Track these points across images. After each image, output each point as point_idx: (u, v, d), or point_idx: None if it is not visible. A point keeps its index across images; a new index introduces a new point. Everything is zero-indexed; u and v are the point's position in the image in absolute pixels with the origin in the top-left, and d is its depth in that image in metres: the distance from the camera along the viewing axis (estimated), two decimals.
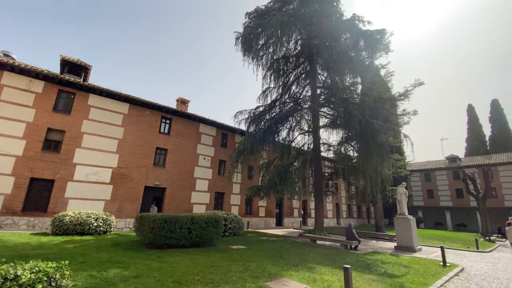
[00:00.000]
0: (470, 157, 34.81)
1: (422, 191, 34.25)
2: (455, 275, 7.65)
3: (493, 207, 26.51)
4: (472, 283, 6.89)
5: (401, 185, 12.79)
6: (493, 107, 38.44)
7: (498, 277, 7.76)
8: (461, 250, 13.47)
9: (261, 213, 20.13)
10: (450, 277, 7.28)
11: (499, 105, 38.19)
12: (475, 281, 7.17)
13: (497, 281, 7.21)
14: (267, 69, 17.54)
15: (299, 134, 18.43)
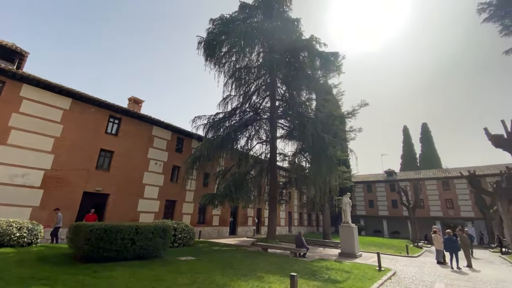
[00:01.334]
0: (404, 172, 39.65)
1: (364, 201, 37.61)
2: (388, 278, 8.45)
3: (421, 216, 30.36)
4: (402, 286, 7.69)
5: (346, 195, 13.85)
6: (423, 130, 44.69)
7: (423, 279, 8.80)
8: (394, 255, 15.00)
9: (214, 222, 19.65)
10: (384, 281, 8.02)
11: (428, 128, 44.58)
12: (405, 283, 8.02)
13: (423, 283, 8.16)
14: (229, 77, 17.61)
15: (257, 143, 18.75)
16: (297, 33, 16.15)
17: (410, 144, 45.11)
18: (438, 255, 12.47)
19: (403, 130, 46.40)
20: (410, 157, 44.14)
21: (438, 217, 31.81)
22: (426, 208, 32.66)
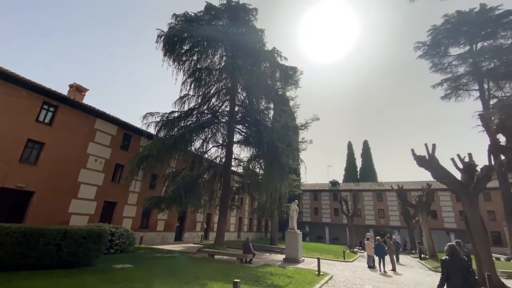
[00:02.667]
0: (346, 183, 43.40)
1: (310, 208, 39.90)
2: (325, 282, 9.04)
3: (357, 224, 33.44)
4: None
5: (294, 203, 14.51)
6: (364, 146, 49.75)
7: (355, 282, 9.64)
8: (333, 260, 16.15)
9: (159, 227, 18.46)
10: (321, 285, 8.55)
11: (368, 145, 49.78)
12: (339, 287, 8.67)
13: (354, 286, 8.94)
14: (188, 76, 17.05)
15: (213, 147, 18.42)
16: (261, 43, 16.60)
17: (353, 158, 49.71)
18: (369, 260, 13.86)
19: (347, 145, 50.96)
20: (352, 170, 48.54)
21: (372, 225, 35.50)
22: (363, 216, 36.17)
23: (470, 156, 10.98)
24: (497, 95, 19.40)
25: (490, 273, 8.80)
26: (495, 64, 19.40)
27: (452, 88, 21.78)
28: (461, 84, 21.44)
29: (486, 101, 19.32)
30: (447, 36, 21.20)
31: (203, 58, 17.12)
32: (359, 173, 47.91)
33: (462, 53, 21.34)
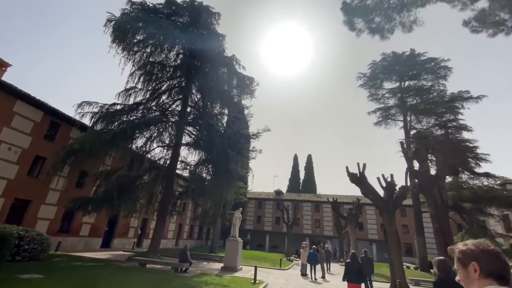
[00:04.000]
0: (289, 193, 45.56)
1: (254, 216, 40.49)
2: None
3: (296, 233, 35.14)
4: None
5: (238, 210, 14.51)
6: (308, 160, 53.32)
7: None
8: (269, 268, 16.52)
9: (83, 232, 16.23)
10: None
11: (311, 158, 53.52)
12: None
13: None
14: (138, 68, 15.82)
15: (158, 147, 17.29)
16: (221, 48, 16.53)
17: (297, 170, 52.71)
18: (302, 268, 14.63)
19: (293, 157, 53.96)
20: (295, 181, 51.35)
21: (308, 234, 37.79)
22: (301, 226, 38.27)
23: (391, 177, 12.70)
24: (416, 127, 23.09)
25: (401, 280, 10.17)
26: (417, 101, 23.18)
27: (383, 117, 25.16)
28: (390, 114, 24.96)
29: (408, 131, 22.84)
30: (383, 71, 24.59)
31: (158, 52, 16.17)
32: (301, 185, 50.92)
33: (393, 88, 24.98)
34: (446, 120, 19.48)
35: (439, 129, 19.15)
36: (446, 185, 15.65)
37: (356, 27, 10.34)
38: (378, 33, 9.74)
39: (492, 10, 9.04)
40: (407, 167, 9.08)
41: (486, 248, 1.25)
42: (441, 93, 21.78)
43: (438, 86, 22.41)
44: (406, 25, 9.81)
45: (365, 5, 9.90)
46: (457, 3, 9.18)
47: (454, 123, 18.78)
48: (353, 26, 10.35)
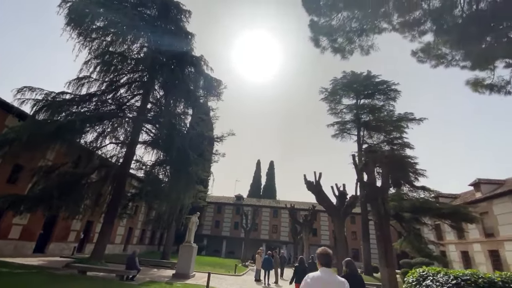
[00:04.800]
0: (250, 198, 45.81)
1: (212, 221, 39.68)
2: None
3: (253, 238, 35.34)
4: None
5: (195, 215, 14.05)
6: (270, 166, 54.52)
7: None
8: (224, 274, 16.25)
9: (13, 234, 14.10)
10: None
11: (273, 165, 54.83)
12: None
13: None
14: (95, 56, 14.56)
15: (111, 143, 16.00)
16: (189, 46, 16.11)
17: (259, 176, 53.43)
18: (256, 273, 14.70)
19: (256, 163, 54.72)
20: (257, 186, 51.92)
21: (266, 239, 38.29)
22: (259, 231, 38.63)
23: (344, 186, 13.64)
24: (368, 142, 25.21)
25: None
26: (369, 118, 25.38)
27: (340, 130, 26.99)
28: (346, 128, 26.90)
29: (360, 145, 24.82)
30: (342, 88, 26.49)
31: (119, 42, 15.08)
32: (262, 190, 51.66)
33: (350, 104, 27.03)
34: (393, 137, 21.70)
35: (387, 145, 21.23)
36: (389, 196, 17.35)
37: (321, 45, 11.01)
38: (339, 53, 10.49)
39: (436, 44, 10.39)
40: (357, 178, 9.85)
41: (320, 252, 2.95)
42: (390, 112, 24.23)
43: (388, 106, 24.91)
44: (364, 49, 10.73)
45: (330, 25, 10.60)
46: (408, 34, 10.35)
47: (399, 141, 21.02)
48: (318, 43, 10.99)
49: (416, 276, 7.23)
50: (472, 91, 10.44)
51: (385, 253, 7.92)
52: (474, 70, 9.96)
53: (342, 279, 2.81)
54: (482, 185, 22.33)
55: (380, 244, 8.11)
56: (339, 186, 13.65)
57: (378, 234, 8.20)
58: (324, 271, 2.79)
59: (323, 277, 2.75)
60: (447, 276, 6.34)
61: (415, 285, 7.06)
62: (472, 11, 8.94)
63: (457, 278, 6.08)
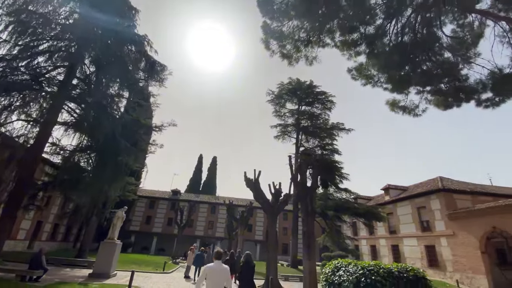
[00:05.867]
0: (188, 193, 44.25)
1: (142, 216, 36.86)
2: None
3: (187, 235, 34.24)
4: None
5: (122, 209, 12.81)
6: (212, 161, 53.71)
7: None
8: (151, 272, 15.29)
9: None
10: None
11: (216, 160, 54.15)
12: None
13: None
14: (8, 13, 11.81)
15: (20, 120, 13.24)
16: (131, 22, 14.51)
17: (200, 171, 52.11)
18: (186, 270, 14.32)
19: (198, 157, 53.18)
20: (196, 181, 50.50)
21: (200, 235, 37.63)
22: (194, 227, 37.70)
23: (279, 185, 14.39)
24: (305, 145, 27.25)
25: (273, 276, 11.48)
26: (308, 124, 27.48)
27: (281, 132, 28.46)
28: (287, 131, 28.53)
29: (298, 148, 26.67)
30: (287, 93, 27.98)
31: (42, 1, 12.62)
32: (202, 186, 50.56)
33: (292, 109, 28.75)
34: (325, 143, 24.04)
35: (320, 150, 23.38)
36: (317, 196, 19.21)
37: (271, 48, 11.39)
38: (287, 59, 11.04)
39: (367, 65, 11.88)
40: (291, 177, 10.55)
41: (215, 251, 4.75)
42: (325, 121, 26.74)
43: (324, 115, 27.43)
44: (309, 59, 11.55)
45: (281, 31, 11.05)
46: (346, 53, 11.57)
47: (330, 147, 23.41)
48: (268, 46, 11.34)
49: (332, 268, 8.16)
50: (389, 110, 12.33)
51: (308, 247, 8.70)
52: (393, 93, 11.76)
53: (225, 266, 4.67)
54: (391, 190, 26.66)
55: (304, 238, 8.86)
56: (276, 185, 14.36)
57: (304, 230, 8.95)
58: (216, 262, 4.57)
59: (214, 266, 4.51)
60: (356, 266, 7.34)
61: (331, 275, 7.95)
62: (398, 42, 10.56)
63: (364, 268, 7.10)
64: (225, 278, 4.47)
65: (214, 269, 4.42)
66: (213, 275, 4.40)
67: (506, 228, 15.23)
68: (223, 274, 4.45)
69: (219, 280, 4.41)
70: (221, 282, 4.42)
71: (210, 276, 4.39)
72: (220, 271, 4.46)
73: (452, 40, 10.23)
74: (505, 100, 9.35)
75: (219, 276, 4.41)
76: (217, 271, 4.43)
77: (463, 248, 17.71)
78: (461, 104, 10.56)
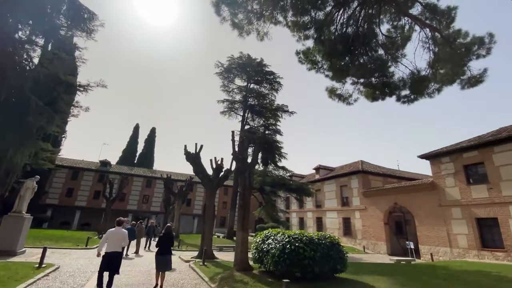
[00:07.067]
0: (119, 165, 40.53)
1: (62, 188, 32.43)
2: (45, 275, 7.37)
3: (118, 209, 31.75)
4: (57, 281, 7.02)
5: (32, 179, 10.89)
6: (151, 132, 49.76)
7: (87, 270, 8.73)
8: (70, 248, 13.84)
9: None
10: (37, 279, 6.87)
11: (155, 132, 50.34)
12: (62, 278, 7.40)
13: (83, 275, 8.04)
14: None
15: None
16: None
17: (136, 142, 47.94)
18: None
19: (134, 127, 48.58)
20: (131, 153, 46.46)
21: (133, 210, 35.52)
22: (126, 201, 35.25)
23: (221, 160, 14.39)
24: (250, 124, 27.56)
25: (207, 247, 11.75)
26: (255, 102, 27.66)
27: (228, 108, 28.00)
28: (234, 107, 28.22)
29: (244, 125, 26.83)
30: (237, 68, 27.30)
31: None
32: (138, 158, 46.94)
33: (241, 86, 28.37)
34: (269, 123, 24.78)
35: (264, 129, 24.05)
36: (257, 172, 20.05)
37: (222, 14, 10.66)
38: (238, 29, 10.54)
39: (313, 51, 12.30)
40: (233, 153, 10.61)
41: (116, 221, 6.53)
42: (271, 101, 27.33)
43: (271, 95, 27.91)
44: (260, 33, 11.28)
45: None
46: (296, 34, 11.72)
47: (273, 127, 24.28)
48: (219, 11, 10.57)
49: (262, 237, 8.77)
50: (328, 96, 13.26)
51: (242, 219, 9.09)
52: (333, 81, 12.60)
53: (124, 231, 6.43)
54: (321, 170, 29.71)
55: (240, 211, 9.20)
56: (218, 160, 14.29)
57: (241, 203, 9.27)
58: (116, 228, 6.28)
59: (115, 230, 6.20)
60: (283, 235, 8.05)
61: (261, 243, 8.55)
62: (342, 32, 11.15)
63: (290, 236, 7.84)
64: (122, 238, 6.18)
65: (114, 232, 6.12)
66: (113, 236, 6.04)
67: (405, 204, 18.88)
68: (121, 236, 6.17)
69: (117, 240, 6.06)
70: (119, 241, 6.09)
71: (111, 237, 6.01)
72: (118, 234, 6.16)
73: (386, 39, 11.37)
74: (418, 98, 11.06)
75: (117, 237, 6.08)
76: (116, 234, 6.11)
77: (371, 220, 21.36)
78: (386, 98, 12.06)
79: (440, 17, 9.54)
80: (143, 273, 9.12)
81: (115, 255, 5.95)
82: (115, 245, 5.98)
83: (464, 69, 9.60)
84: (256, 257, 8.59)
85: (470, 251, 14.41)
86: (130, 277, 8.27)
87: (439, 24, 9.64)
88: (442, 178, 16.59)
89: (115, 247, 5.98)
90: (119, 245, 6.06)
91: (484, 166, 14.67)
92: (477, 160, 15.02)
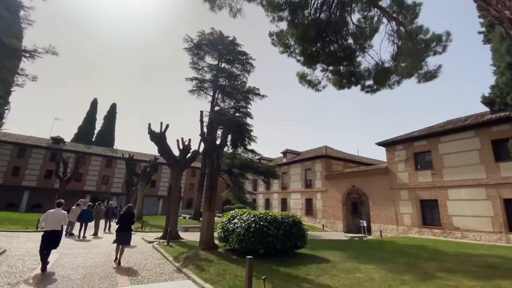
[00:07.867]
0: (75, 143, 37.27)
1: (7, 167, 29.04)
2: None
3: (73, 189, 29.56)
4: (3, 265, 6.47)
5: None
6: (111, 109, 46.05)
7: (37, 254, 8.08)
8: (19, 231, 12.73)
9: None
10: None
11: (116, 109, 46.71)
12: (9, 262, 6.84)
13: (34, 258, 7.46)
14: None
15: None
16: None
17: (93, 118, 44.18)
18: (69, 227, 12.61)
19: (92, 102, 44.56)
20: (88, 130, 42.81)
21: (91, 191, 33.40)
22: (83, 182, 32.93)
23: (189, 141, 13.99)
24: (220, 105, 26.94)
25: (171, 228, 11.62)
26: (226, 83, 26.94)
27: (197, 87, 26.94)
28: (204, 87, 27.23)
29: (213, 106, 26.16)
30: (208, 45, 26.09)
31: None
32: (96, 136, 43.53)
33: (212, 64, 27.29)
34: (240, 105, 24.48)
35: (234, 111, 23.73)
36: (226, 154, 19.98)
37: None
38: (209, 2, 9.94)
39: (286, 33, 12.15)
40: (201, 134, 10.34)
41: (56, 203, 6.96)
42: (243, 83, 26.89)
43: (243, 77, 27.42)
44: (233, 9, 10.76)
45: None
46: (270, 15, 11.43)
47: (244, 109, 24.06)
48: None
49: (228, 217, 8.93)
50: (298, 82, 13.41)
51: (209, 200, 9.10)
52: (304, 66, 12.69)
53: (63, 212, 6.77)
54: (288, 153, 30.63)
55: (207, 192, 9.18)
56: (185, 141, 13.85)
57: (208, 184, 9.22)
58: (56, 209, 6.66)
59: (54, 211, 6.59)
60: (249, 215, 8.29)
61: (227, 223, 8.71)
62: (315, 17, 11.13)
63: (255, 216, 8.10)
64: (61, 219, 6.63)
65: (53, 213, 6.51)
66: (52, 217, 6.43)
67: (361, 187, 20.52)
68: (60, 216, 6.58)
69: (56, 220, 6.47)
70: (58, 221, 6.51)
71: (49, 218, 6.39)
72: (57, 214, 6.55)
73: (356, 28, 11.66)
74: (380, 88, 11.73)
75: (56, 217, 6.48)
76: (54, 214, 6.51)
77: (331, 201, 22.93)
78: (351, 87, 12.58)
79: (405, 11, 10.01)
80: (102, 254, 8.76)
81: (55, 233, 6.40)
82: (53, 224, 6.39)
83: (422, 64, 10.35)
84: (222, 236, 8.77)
85: (412, 228, 16.38)
86: (87, 259, 7.91)
87: (404, 18, 10.13)
88: (395, 163, 18.25)
89: (54, 226, 6.39)
90: (58, 224, 6.50)
91: (430, 154, 16.42)
92: (426, 148, 16.74)
